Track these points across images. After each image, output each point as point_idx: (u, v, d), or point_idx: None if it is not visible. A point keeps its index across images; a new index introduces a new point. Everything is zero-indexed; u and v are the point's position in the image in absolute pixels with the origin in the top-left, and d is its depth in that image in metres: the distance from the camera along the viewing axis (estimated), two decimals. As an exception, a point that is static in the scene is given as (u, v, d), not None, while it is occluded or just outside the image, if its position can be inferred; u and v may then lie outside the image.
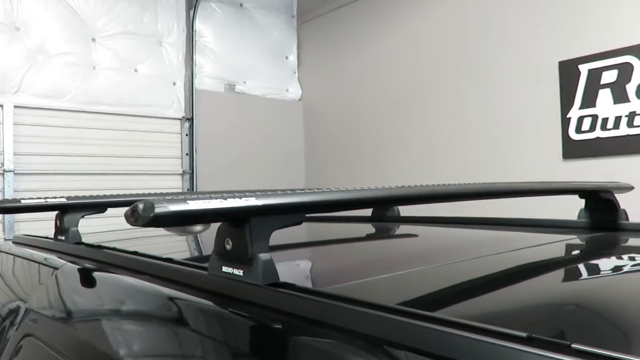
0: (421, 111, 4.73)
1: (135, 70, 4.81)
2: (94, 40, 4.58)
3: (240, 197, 0.61)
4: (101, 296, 0.82)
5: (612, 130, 3.54)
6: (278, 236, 0.64)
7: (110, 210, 1.21)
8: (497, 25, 4.17)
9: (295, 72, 6.00)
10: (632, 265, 0.90)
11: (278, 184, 5.11)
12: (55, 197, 1.17)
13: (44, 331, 0.85)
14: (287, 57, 5.95)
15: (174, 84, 5.06)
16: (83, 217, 1.20)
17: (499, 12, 4.16)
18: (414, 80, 4.80)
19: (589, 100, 3.64)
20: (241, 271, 0.62)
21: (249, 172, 5.31)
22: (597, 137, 3.61)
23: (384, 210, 1.85)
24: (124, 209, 1.24)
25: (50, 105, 4.31)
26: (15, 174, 4.10)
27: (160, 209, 0.54)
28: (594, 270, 0.85)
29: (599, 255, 1.02)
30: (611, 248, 1.16)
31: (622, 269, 0.88)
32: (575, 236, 1.30)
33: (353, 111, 5.41)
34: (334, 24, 5.65)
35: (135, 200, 1.37)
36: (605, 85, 3.56)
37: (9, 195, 4.05)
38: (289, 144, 5.83)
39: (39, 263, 1.07)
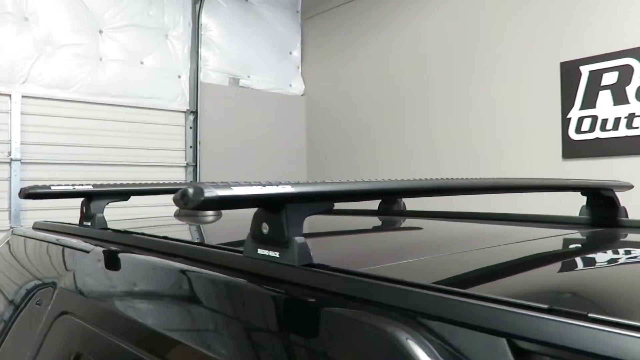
0: (423, 109, 4.78)
1: (141, 63, 4.85)
2: (101, 32, 4.62)
3: (277, 185, 0.66)
4: (137, 277, 0.88)
5: (612, 131, 3.60)
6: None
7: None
8: (499, 25, 4.22)
9: (298, 68, 6.05)
10: (630, 257, 0.96)
11: (280, 178, 5.16)
12: (82, 184, 1.22)
13: (81, 308, 0.90)
14: (290, 53, 5.99)
15: (179, 77, 5.10)
16: (108, 204, 1.25)
17: (501, 12, 4.21)
18: (416, 78, 4.85)
19: (589, 101, 3.70)
20: (277, 253, 0.67)
21: (252, 165, 5.36)
22: (597, 138, 3.67)
23: (390, 204, 1.91)
24: (135, 200, 1.30)
25: (57, 96, 4.35)
26: (22, 162, 4.15)
27: (209, 193, 0.60)
28: (597, 259, 0.91)
29: (601, 249, 1.08)
30: (612, 242, 1.22)
31: (621, 260, 0.94)
32: (577, 231, 1.36)
33: (355, 107, 5.46)
34: (337, 21, 5.69)
35: (157, 190, 1.43)
36: (605, 87, 3.62)
37: (15, 183, 4.10)
38: (292, 139, 5.88)
39: (70, 247, 1.12)
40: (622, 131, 3.55)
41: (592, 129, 3.70)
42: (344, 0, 5.56)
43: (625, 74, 3.53)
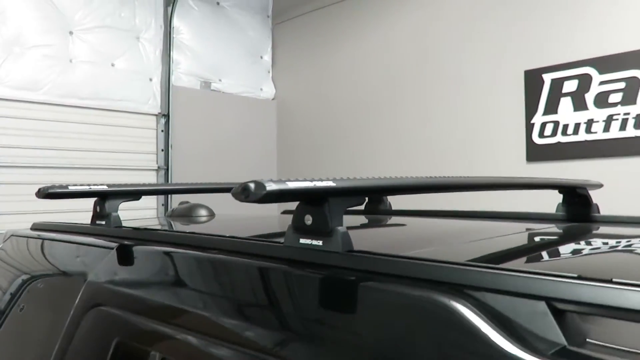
0: (391, 113, 4.93)
1: (112, 65, 4.81)
2: (71, 33, 4.56)
3: (322, 181, 0.74)
4: (173, 269, 0.94)
5: (572, 136, 3.82)
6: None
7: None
8: (466, 34, 4.40)
9: (269, 72, 6.11)
10: (602, 244, 1.10)
11: (250, 179, 5.20)
12: (97, 185, 1.27)
13: (117, 300, 0.96)
14: (261, 57, 6.05)
15: (151, 79, 5.08)
16: (121, 203, 1.30)
17: (467, 22, 4.40)
18: (384, 83, 5.00)
19: (552, 107, 3.91)
20: (320, 242, 0.75)
21: (223, 168, 5.38)
22: (559, 142, 3.89)
23: (377, 203, 2.01)
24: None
25: (26, 98, 4.27)
26: (-10, 166, 4.05)
27: (270, 187, 0.67)
28: (577, 250, 1.03)
29: (577, 240, 1.20)
30: (586, 234, 1.35)
31: (596, 248, 1.07)
32: (554, 225, 1.49)
33: (325, 111, 5.56)
34: (307, 27, 5.79)
35: (165, 191, 1.51)
36: (566, 94, 3.85)
37: (-17, 187, 4.00)
38: (262, 142, 5.93)
39: (92, 245, 1.16)
40: (582, 136, 3.78)
41: (554, 133, 3.91)
42: (314, 7, 5.67)
43: (584, 82, 3.76)
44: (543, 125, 3.97)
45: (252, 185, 0.68)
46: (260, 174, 5.74)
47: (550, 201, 1.63)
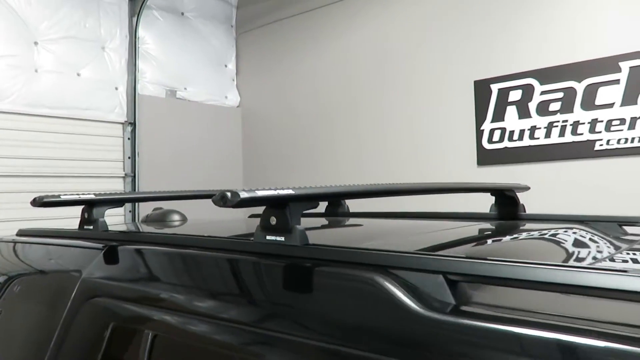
0: (349, 119, 5.17)
1: (78, 74, 4.89)
2: (36, 43, 4.63)
3: (283, 189, 0.94)
4: (159, 265, 1.12)
5: (517, 141, 4.13)
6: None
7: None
8: (420, 45, 4.68)
9: (234, 80, 6.27)
10: (526, 236, 1.33)
11: (217, 185, 5.34)
12: (85, 194, 1.43)
13: (112, 292, 1.13)
14: (226, 66, 6.20)
15: (116, 88, 5.17)
16: (107, 210, 1.47)
17: (421, 33, 4.68)
18: (342, 90, 5.24)
19: (499, 115, 4.22)
20: (283, 237, 0.95)
21: (190, 174, 5.50)
22: (505, 147, 4.20)
23: (336, 206, 2.22)
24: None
25: (-9, 107, 4.32)
26: (-45, 175, 4.08)
27: (243, 195, 0.87)
28: (505, 239, 1.27)
29: (507, 234, 1.44)
30: (514, 229, 1.59)
31: (521, 238, 1.31)
32: (489, 223, 1.73)
33: (288, 117, 5.76)
34: (270, 36, 5.98)
35: (146, 198, 1.67)
36: (512, 103, 4.16)
37: (-51, 197, 4.03)
38: (228, 148, 6.08)
39: (82, 247, 1.33)
40: (526, 141, 4.10)
41: (501, 139, 4.22)
42: (277, 18, 5.87)
43: (528, 92, 4.08)
44: (492, 131, 4.27)
45: (228, 194, 0.88)
46: (227, 179, 5.89)
47: (475, 203, 1.89)
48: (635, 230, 1.57)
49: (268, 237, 0.97)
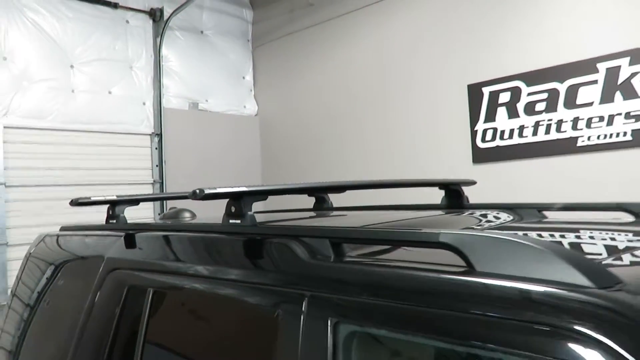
0: (356, 124, 5.56)
1: (109, 92, 5.43)
2: (72, 66, 5.18)
3: (239, 187, 1.36)
4: (160, 245, 1.56)
5: (507, 140, 4.44)
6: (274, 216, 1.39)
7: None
8: (418, 54, 5.04)
9: (251, 91, 6.74)
10: (466, 217, 1.72)
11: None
12: (108, 196, 1.88)
13: (127, 265, 1.57)
14: (244, 77, 6.68)
15: (144, 103, 5.70)
16: (126, 208, 1.91)
17: (418, 43, 5.03)
18: (348, 97, 5.63)
19: (490, 116, 4.54)
20: (239, 221, 1.37)
21: (213, 179, 5.98)
22: (497, 146, 4.51)
23: (321, 202, 2.62)
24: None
25: (35, 125, 4.88)
26: (6, 186, 4.65)
27: (207, 191, 1.29)
28: (454, 221, 1.65)
29: (472, 216, 1.82)
30: (459, 215, 1.95)
31: (461, 219, 1.69)
32: (441, 211, 2.10)
33: (303, 123, 6.19)
34: (283, 49, 6.43)
35: (154, 198, 2.17)
36: (501, 104, 4.48)
37: (1, 205, 4.61)
38: (248, 154, 6.55)
39: (109, 235, 1.78)
40: (516, 139, 4.40)
41: (493, 138, 4.54)
42: (289, 32, 6.31)
43: (516, 93, 4.39)
44: (484, 131, 4.59)
45: (197, 190, 1.30)
46: (247, 181, 6.36)
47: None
48: (549, 213, 1.94)
49: (230, 221, 1.39)
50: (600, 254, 1.13)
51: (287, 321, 1.05)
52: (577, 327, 0.71)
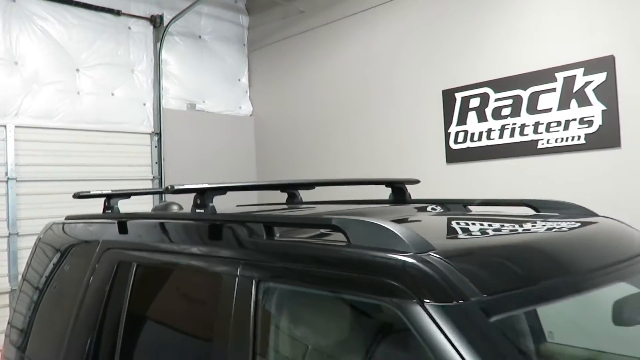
0: (343, 125, 5.95)
1: (112, 94, 5.84)
2: (77, 70, 5.59)
3: (203, 184, 1.76)
4: (144, 228, 1.96)
5: (477, 142, 4.82)
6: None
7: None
8: (397, 61, 5.42)
9: (246, 92, 7.13)
10: (414, 211, 2.11)
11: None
12: (105, 190, 2.28)
13: (118, 245, 1.97)
14: (239, 80, 7.07)
15: (144, 104, 6.10)
16: (118, 200, 2.32)
17: (397, 51, 5.41)
18: (337, 100, 6.02)
19: (462, 119, 4.91)
20: (203, 210, 1.76)
21: (209, 175, 6.36)
22: (468, 147, 4.89)
23: (292, 197, 3.02)
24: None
25: (43, 125, 5.29)
26: (17, 181, 5.07)
27: (178, 187, 1.69)
28: (401, 212, 2.04)
29: (402, 209, 2.21)
30: (404, 206, 2.34)
31: (404, 212, 2.08)
32: (390, 205, 2.48)
33: (295, 123, 6.58)
34: (277, 53, 6.82)
35: (141, 193, 2.59)
36: (472, 109, 4.85)
37: (12, 197, 5.04)
38: (243, 152, 6.96)
39: (105, 222, 2.18)
40: (484, 142, 4.78)
41: (464, 140, 4.91)
42: (282, 37, 6.70)
43: (484, 99, 4.76)
44: (457, 133, 4.97)
45: (169, 186, 1.70)
46: (241, 179, 6.76)
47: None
48: (473, 208, 2.34)
49: (197, 210, 1.79)
50: (437, 233, 1.52)
51: (228, 281, 1.44)
52: (397, 280, 1.11)
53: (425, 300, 1.05)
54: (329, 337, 1.34)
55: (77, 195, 2.22)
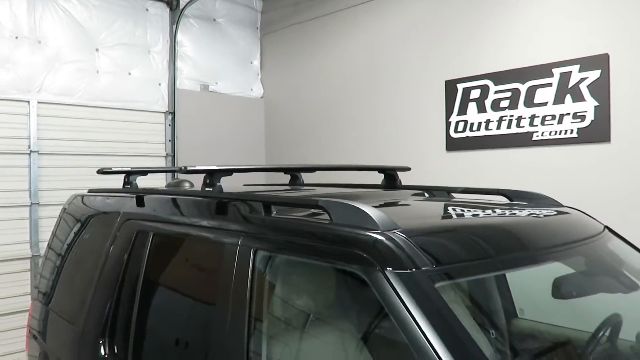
0: (349, 111, 6.18)
1: (129, 74, 6.10)
2: (97, 50, 5.85)
3: (212, 166, 2.02)
4: (158, 202, 2.23)
5: (476, 132, 5.03)
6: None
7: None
8: (402, 51, 5.61)
9: (258, 75, 7.36)
10: (399, 196, 2.37)
11: (243, 163, 6.48)
12: (125, 167, 2.56)
13: (136, 216, 2.25)
14: (251, 62, 7.30)
15: (160, 84, 6.36)
16: (137, 177, 2.59)
17: (403, 41, 5.60)
18: (344, 86, 6.24)
19: (463, 109, 5.12)
20: (212, 189, 2.03)
21: (220, 154, 6.66)
22: (467, 136, 5.10)
23: (295, 179, 3.28)
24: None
25: (64, 101, 5.57)
26: (39, 154, 5.38)
27: (190, 168, 1.95)
28: (386, 196, 2.29)
29: (389, 194, 2.46)
30: (393, 191, 2.59)
31: (388, 196, 2.33)
32: (380, 189, 2.74)
33: (303, 107, 6.82)
34: (290, 37, 7.02)
35: (159, 170, 2.93)
36: (472, 100, 5.05)
37: (34, 169, 5.35)
38: (253, 132, 7.21)
39: (124, 196, 2.45)
40: (483, 132, 4.98)
41: (464, 129, 5.12)
42: (294, 22, 6.89)
43: (484, 91, 4.96)
44: (457, 123, 5.18)
45: (183, 167, 1.96)
46: (251, 158, 7.04)
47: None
48: (458, 195, 2.58)
49: (206, 189, 2.06)
50: (407, 215, 1.77)
51: (230, 249, 1.72)
52: (366, 252, 1.37)
53: (387, 269, 1.31)
54: (311, 296, 1.62)
55: (101, 171, 2.50)
